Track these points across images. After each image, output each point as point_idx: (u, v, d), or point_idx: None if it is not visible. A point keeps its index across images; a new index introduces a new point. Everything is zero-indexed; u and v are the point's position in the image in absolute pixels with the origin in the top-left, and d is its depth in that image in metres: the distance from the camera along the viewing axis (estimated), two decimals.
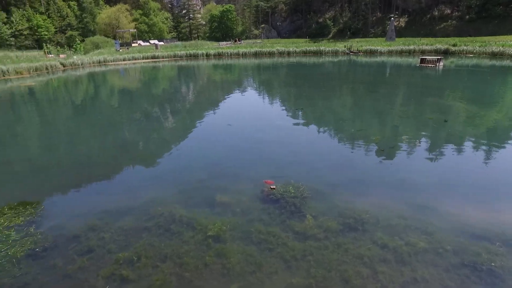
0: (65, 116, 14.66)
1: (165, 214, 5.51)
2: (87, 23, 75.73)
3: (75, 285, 4.10)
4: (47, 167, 8.23)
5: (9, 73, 25.73)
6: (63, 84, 24.93)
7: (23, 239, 4.86)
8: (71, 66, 33.91)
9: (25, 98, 18.92)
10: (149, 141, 10.29)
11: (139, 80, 26.95)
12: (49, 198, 6.41)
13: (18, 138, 10.96)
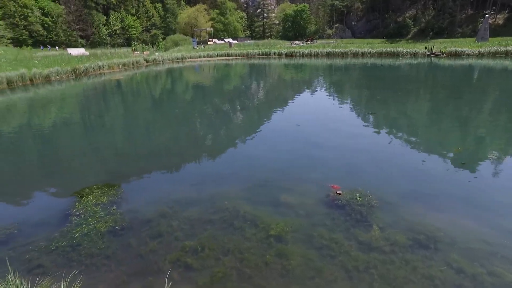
0: (145, 107, 16.09)
1: (229, 209, 5.70)
2: (169, 22, 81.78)
3: (145, 264, 4.46)
4: (127, 154, 9.09)
5: (104, 68, 29.00)
6: (145, 78, 27.32)
7: (106, 217, 5.45)
8: (153, 62, 36.94)
9: (114, 90, 21.16)
10: (218, 136, 10.73)
11: (212, 77, 28.26)
12: (128, 182, 7.06)
13: (106, 126, 12.31)
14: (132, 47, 46.73)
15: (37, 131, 11.90)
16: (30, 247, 4.75)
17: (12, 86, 20.84)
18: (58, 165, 8.33)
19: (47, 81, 23.36)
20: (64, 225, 5.30)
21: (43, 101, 18.04)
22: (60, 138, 10.98)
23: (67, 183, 7.14)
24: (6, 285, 3.23)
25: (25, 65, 23.32)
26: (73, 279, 3.80)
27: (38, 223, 5.47)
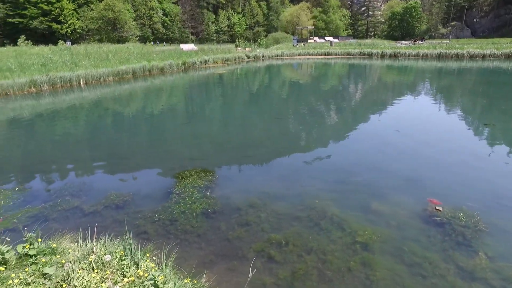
0: (242, 100, 16.96)
1: (317, 209, 5.63)
2: (272, 20, 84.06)
3: (231, 249, 4.71)
4: (223, 143, 9.70)
5: (209, 62, 31.48)
6: (245, 73, 28.71)
7: (201, 199, 5.92)
8: (254, 58, 38.53)
9: (216, 83, 22.80)
10: (311, 135, 10.65)
11: (309, 75, 28.12)
12: (222, 170, 7.53)
13: (205, 115, 13.36)
14: (235, 44, 49.52)
15: (148, 115, 13.63)
16: (139, 215, 5.47)
17: (136, 77, 24.18)
18: (163, 147, 9.37)
19: (161, 73, 26.43)
20: (165, 201, 5.94)
21: (156, 90, 20.54)
22: (166, 123, 12.38)
23: (170, 163, 7.98)
24: (124, 242, 3.78)
25: (147, 59, 26.79)
26: (171, 249, 4.23)
27: (146, 195, 6.24)
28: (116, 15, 51.97)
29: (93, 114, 14.41)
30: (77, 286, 3.06)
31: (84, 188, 6.50)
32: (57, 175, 7.50)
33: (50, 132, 11.63)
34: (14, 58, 21.88)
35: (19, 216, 5.41)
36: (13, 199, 5.98)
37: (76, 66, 22.01)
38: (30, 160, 8.67)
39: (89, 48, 31.26)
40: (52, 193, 6.26)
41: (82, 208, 5.69)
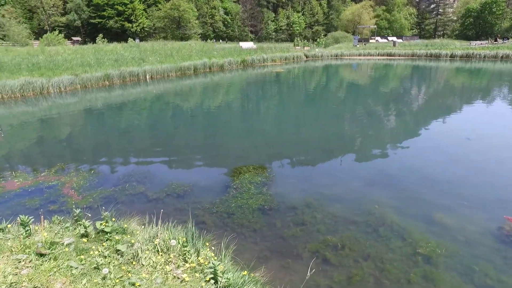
0: (297, 99, 16.86)
1: (376, 215, 5.41)
2: (332, 19, 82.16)
3: (286, 247, 4.72)
4: (278, 141, 9.73)
5: (267, 61, 31.77)
6: (302, 72, 28.48)
7: (258, 195, 6.02)
8: (312, 58, 38.04)
9: (273, 81, 22.93)
10: (368, 138, 10.24)
11: (369, 76, 27.01)
12: (278, 167, 7.56)
13: (261, 112, 13.51)
14: (294, 43, 49.29)
15: (206, 110, 14.17)
16: (198, 205, 5.72)
17: (197, 73, 25.25)
18: (220, 141, 9.67)
19: (221, 69, 27.26)
20: (223, 194, 6.14)
21: (215, 86, 21.25)
22: (223, 118, 12.78)
23: (227, 158, 8.22)
24: (186, 229, 4.00)
25: (207, 56, 27.83)
26: (229, 241, 4.37)
27: (204, 187, 6.50)
28: (181, 14, 54.71)
29: (155, 107, 15.36)
30: (145, 265, 3.29)
31: (148, 176, 6.96)
32: (124, 161, 8.12)
33: (117, 121, 12.63)
34: (93, 54, 24.12)
35: (94, 196, 5.97)
36: (90, 181, 6.61)
37: (143, 62, 23.61)
38: (101, 146, 9.51)
39: (155, 45, 33.28)
40: (120, 178, 6.80)
41: (147, 194, 6.10)
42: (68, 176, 6.87)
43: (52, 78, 18.05)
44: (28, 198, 5.93)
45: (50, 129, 12.22)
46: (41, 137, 10.92)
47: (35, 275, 2.94)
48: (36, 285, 2.83)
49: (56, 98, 17.07)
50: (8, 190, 6.25)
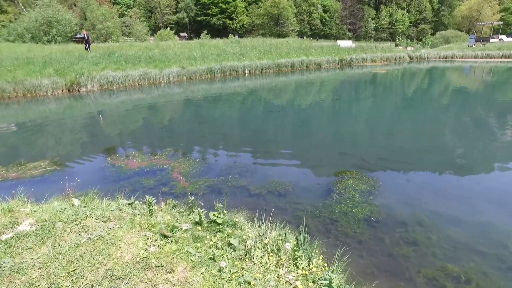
0: (395, 103, 15.51)
1: (510, 248, 4.53)
2: (442, 16, 73.94)
3: (395, 266, 4.24)
4: (375, 146, 8.96)
5: (366, 60, 30.11)
6: (404, 74, 26.20)
7: (363, 204, 5.59)
8: (417, 59, 34.75)
9: (371, 82, 21.58)
10: (473, 153, 8.76)
11: (484, 82, 23.40)
12: (383, 176, 6.93)
13: (354, 114, 12.73)
14: (396, 42, 45.75)
15: (303, 108, 13.95)
16: (300, 206, 5.56)
17: (293, 70, 25.25)
18: (316, 141, 9.35)
19: (318, 68, 26.76)
20: (326, 198, 5.86)
21: (310, 84, 20.92)
22: (315, 117, 12.46)
23: (325, 160, 7.88)
24: (297, 232, 3.87)
25: (305, 53, 27.60)
26: (340, 251, 4.08)
27: (305, 188, 6.31)
28: (280, 12, 55.46)
29: (250, 101, 15.77)
30: (256, 263, 3.25)
31: (249, 170, 7.08)
32: (225, 153, 8.43)
33: (214, 113, 13.27)
34: (199, 49, 26.05)
35: (200, 183, 6.29)
36: (195, 168, 7.02)
37: (243, 57, 24.52)
38: (200, 135, 10.08)
39: (254, 41, 34.38)
40: (223, 169, 7.05)
41: (249, 188, 6.18)
42: (176, 161, 7.41)
43: (164, 69, 20.00)
44: (145, 177, 6.55)
45: (157, 115, 13.54)
46: (150, 122, 12.15)
47: (160, 254, 3.13)
48: (162, 263, 3.00)
49: (165, 88, 18.87)
50: (130, 168, 7.02)
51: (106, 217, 3.81)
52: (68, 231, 3.56)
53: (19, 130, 11.60)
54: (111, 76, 18.11)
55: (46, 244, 3.34)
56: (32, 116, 13.60)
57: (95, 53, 23.12)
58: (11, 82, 15.75)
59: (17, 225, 3.72)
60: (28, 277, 2.88)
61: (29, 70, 17.47)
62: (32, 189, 5.10)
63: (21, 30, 31.10)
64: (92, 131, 11.46)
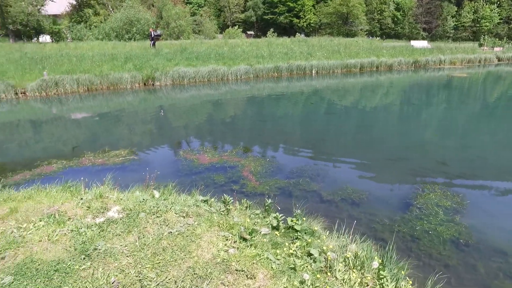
0: (472, 111, 13.90)
1: None
2: None
3: None
4: (453, 158, 8.04)
5: (444, 63, 27.63)
6: (487, 78, 23.57)
7: (448, 223, 5.02)
8: (508, 61, 31.02)
9: (447, 86, 19.70)
10: None
11: None
12: (470, 193, 6.19)
13: (426, 121, 11.64)
14: (480, 42, 41.25)
15: (370, 112, 13.20)
16: (376, 218, 5.17)
17: (362, 71, 24.13)
18: (388, 148, 8.70)
19: (389, 69, 25.21)
20: (404, 211, 5.39)
21: (377, 86, 19.78)
22: (383, 122, 11.64)
23: (403, 169, 7.27)
24: (384, 251, 3.57)
25: (376, 54, 26.16)
26: (427, 275, 3.67)
27: (382, 199, 5.88)
28: (350, 10, 53.47)
29: (318, 102, 15.34)
30: (339, 279, 3.03)
31: (321, 174, 6.82)
32: (295, 154, 8.26)
33: (281, 111, 13.11)
34: (266, 47, 26.15)
35: (270, 184, 6.20)
36: (266, 168, 6.95)
37: (310, 57, 24.06)
38: (268, 134, 10.00)
39: (322, 40, 33.57)
40: (294, 171, 6.88)
41: (321, 193, 5.94)
42: (246, 159, 7.42)
43: (232, 67, 20.43)
44: (216, 174, 6.66)
45: (224, 110, 13.83)
46: (217, 117, 12.45)
47: (240, 258, 3.07)
48: (242, 268, 2.93)
49: (232, 85, 19.27)
50: (201, 163, 7.22)
51: (185, 212, 3.88)
52: (151, 223, 3.69)
53: (102, 119, 12.70)
54: (183, 72, 19.00)
55: (132, 233, 3.49)
56: (113, 106, 14.82)
57: (157, 49, 24.55)
58: (98, 76, 17.34)
59: (107, 211, 3.97)
60: (119, 263, 3.02)
61: (113, 65, 19.08)
62: (116, 176, 5.45)
63: (108, 30, 34.20)
64: (163, 123, 12.12)
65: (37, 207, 4.16)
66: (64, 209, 4.03)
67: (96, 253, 3.15)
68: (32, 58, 19.60)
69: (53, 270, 2.95)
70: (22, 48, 23.36)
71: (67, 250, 3.23)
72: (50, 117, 13.33)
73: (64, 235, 3.47)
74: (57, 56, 20.59)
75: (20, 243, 3.37)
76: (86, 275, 2.89)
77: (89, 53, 21.52)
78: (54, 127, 11.85)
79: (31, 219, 3.84)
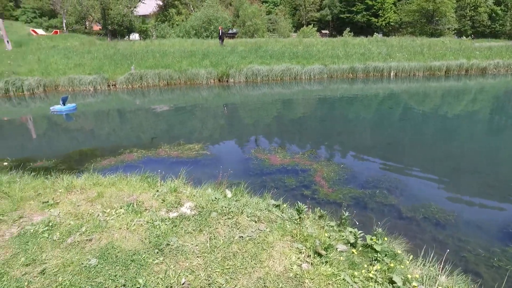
0: None
1: None
2: None
3: None
4: None
5: None
6: None
7: None
8: None
9: None
10: None
11: None
12: None
13: None
14: None
15: (442, 117, 11.74)
16: (467, 246, 4.48)
17: (448, 74, 21.83)
18: (481, 166, 7.56)
19: (481, 73, 22.41)
20: (506, 243, 4.57)
21: (462, 91, 17.63)
22: (464, 133, 10.20)
23: (502, 189, 6.25)
24: None
25: (466, 56, 23.45)
26: None
27: (474, 223, 5.09)
28: (436, 7, 48.94)
29: (393, 106, 14.19)
30: None
31: (400, 186, 6.19)
32: (370, 162, 7.64)
33: (355, 114, 12.36)
34: (342, 47, 25.15)
35: (344, 193, 5.80)
36: (339, 175, 6.54)
37: (389, 58, 22.49)
38: (342, 138, 9.46)
39: (402, 40, 31.20)
40: (369, 181, 6.36)
41: (399, 208, 5.37)
42: (319, 164, 7.08)
43: (306, 66, 20.04)
44: (287, 176, 6.46)
45: (295, 110, 13.54)
46: (288, 117, 12.20)
47: (314, 275, 2.82)
48: (316, 287, 2.68)
49: (305, 84, 18.90)
50: (272, 164, 7.08)
51: (257, 216, 3.75)
52: (222, 224, 3.63)
53: (178, 112, 13.38)
54: (257, 69, 19.18)
55: (203, 233, 3.46)
56: (189, 100, 15.55)
57: (224, 46, 25.07)
58: (178, 71, 18.39)
59: (180, 206, 4.02)
60: (189, 263, 2.99)
61: (191, 61, 20.08)
62: (189, 170, 5.56)
63: (188, 28, 36.27)
64: (234, 119, 12.32)
65: (119, 194, 4.41)
66: (142, 199, 4.20)
67: (169, 249, 3.17)
68: (123, 54, 21.57)
69: (130, 260, 3.03)
70: (116, 45, 25.88)
71: (142, 241, 3.31)
72: (134, 108, 14.47)
73: (140, 226, 3.59)
74: (143, 52, 22.37)
75: (104, 227, 3.56)
76: (159, 270, 2.91)
77: (170, 50, 22.97)
78: (136, 117, 12.81)
79: (114, 205, 4.06)
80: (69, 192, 4.53)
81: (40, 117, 13.01)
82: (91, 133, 10.84)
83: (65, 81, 17.41)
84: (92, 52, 22.32)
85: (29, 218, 3.84)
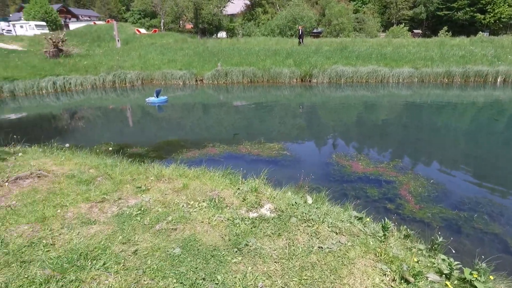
0: None
1: None
2: None
3: None
4: None
5: None
6: None
7: None
8: None
9: None
10: None
11: None
12: None
13: None
14: None
15: None
16: None
17: None
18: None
19: None
20: None
21: None
22: None
23: None
24: None
25: None
26: None
27: None
28: None
29: (497, 117, 12.31)
30: None
31: (505, 213, 5.34)
32: (465, 180, 6.75)
33: (447, 124, 11.04)
34: (438, 48, 22.80)
35: (434, 212, 5.22)
36: (428, 191, 5.91)
37: (497, 61, 19.69)
38: (432, 150, 8.53)
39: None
40: (465, 202, 5.61)
41: (506, 240, 4.61)
42: (405, 176, 6.51)
43: (394, 69, 18.71)
44: (369, 186, 6.07)
45: (380, 115, 12.69)
46: (372, 122, 11.47)
47: None
48: None
49: (392, 88, 17.65)
50: (354, 171, 6.74)
51: (338, 228, 3.57)
52: (301, 231, 3.54)
53: (259, 109, 13.62)
54: (341, 70, 18.55)
55: (282, 238, 3.41)
56: (270, 99, 15.74)
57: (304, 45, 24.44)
58: (261, 69, 18.77)
59: (260, 207, 4.04)
60: (267, 267, 2.97)
61: (275, 60, 20.31)
62: (269, 170, 5.56)
63: (273, 26, 36.82)
64: (313, 120, 12.06)
65: (202, 188, 4.61)
66: (223, 196, 4.33)
67: (247, 250, 3.20)
68: (211, 52, 22.84)
69: (210, 255, 3.13)
70: (205, 43, 27.53)
71: (222, 238, 3.40)
72: (218, 103, 15.20)
73: (221, 222, 3.69)
74: (229, 50, 23.35)
75: (188, 219, 3.75)
76: (237, 270, 2.94)
77: (255, 48, 23.55)
78: (220, 112, 13.43)
79: (197, 198, 4.26)
80: (159, 180, 4.90)
81: (137, 107, 14.49)
82: (178, 125, 11.70)
83: (159, 75, 19.17)
84: (183, 49, 24.11)
85: (125, 200, 4.25)
